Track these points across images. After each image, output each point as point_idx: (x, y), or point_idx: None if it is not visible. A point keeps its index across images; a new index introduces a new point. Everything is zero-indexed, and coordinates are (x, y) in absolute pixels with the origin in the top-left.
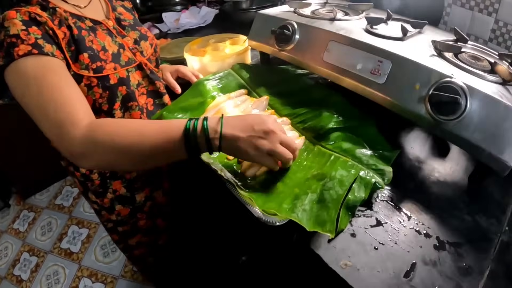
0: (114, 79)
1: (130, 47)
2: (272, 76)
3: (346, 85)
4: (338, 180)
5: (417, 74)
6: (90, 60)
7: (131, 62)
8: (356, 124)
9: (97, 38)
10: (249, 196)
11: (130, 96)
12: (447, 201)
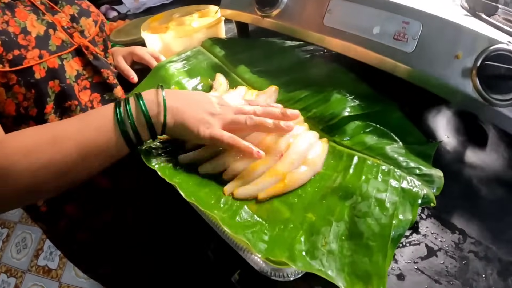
0: (40, 72)
1: (65, 26)
2: (254, 51)
3: (358, 56)
4: (376, 199)
5: (458, 39)
6: (3, 49)
7: (66, 46)
8: (377, 108)
9: (15, 18)
10: (244, 239)
11: (66, 92)
12: (501, 206)
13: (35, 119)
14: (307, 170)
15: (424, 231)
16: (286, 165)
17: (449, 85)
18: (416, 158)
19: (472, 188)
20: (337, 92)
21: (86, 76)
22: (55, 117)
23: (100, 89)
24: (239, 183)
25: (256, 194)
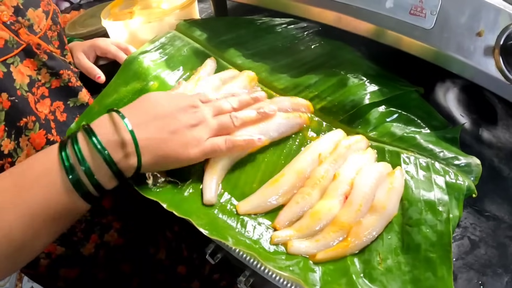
0: None
1: (7, 22)
2: (241, 31)
3: (367, 33)
4: (425, 202)
5: (480, 15)
6: None
7: (12, 47)
8: (397, 91)
9: None
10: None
11: (19, 107)
12: None
13: None
14: (376, 219)
15: (464, 223)
16: (352, 213)
17: (470, 64)
18: (449, 146)
19: (495, 169)
20: (353, 75)
21: (42, 82)
22: (11, 141)
23: (62, 95)
24: (293, 234)
25: (315, 252)
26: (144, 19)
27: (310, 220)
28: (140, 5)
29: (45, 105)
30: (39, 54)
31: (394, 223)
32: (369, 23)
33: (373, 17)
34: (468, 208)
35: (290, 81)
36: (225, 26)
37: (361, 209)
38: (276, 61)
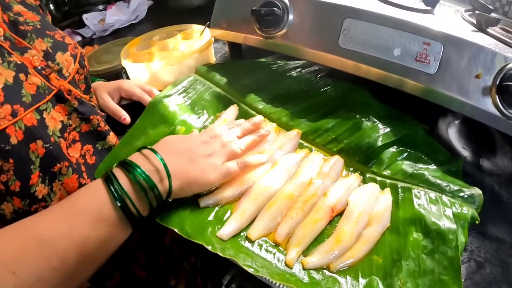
0: (17, 134)
1: (38, 67)
2: (258, 75)
3: (379, 78)
4: (436, 232)
5: (478, 59)
6: None
7: (44, 93)
8: (406, 131)
9: None
10: None
11: (53, 154)
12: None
13: (19, 195)
14: (376, 230)
15: (470, 247)
16: (351, 223)
17: (470, 103)
18: (453, 179)
19: (496, 194)
20: (366, 119)
21: (72, 126)
22: (45, 187)
23: (91, 139)
24: (301, 248)
25: (328, 264)
26: (164, 62)
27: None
28: (158, 46)
29: (76, 149)
30: (70, 100)
31: (410, 251)
32: (379, 69)
33: (382, 64)
34: (473, 233)
35: (310, 126)
36: (243, 70)
37: (359, 220)
38: (295, 105)
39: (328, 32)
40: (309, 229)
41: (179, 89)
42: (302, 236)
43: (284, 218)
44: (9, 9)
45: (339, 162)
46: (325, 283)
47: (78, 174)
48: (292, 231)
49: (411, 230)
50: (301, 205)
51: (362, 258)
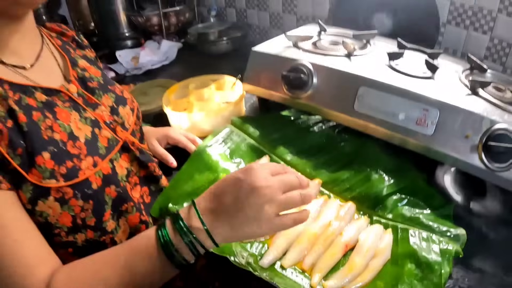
0: (96, 181)
1: (107, 121)
2: (286, 129)
3: (385, 137)
4: (426, 264)
5: (469, 122)
6: (55, 162)
7: (113, 144)
8: (406, 183)
9: (57, 121)
10: None
11: (122, 196)
12: (505, 243)
13: (93, 228)
14: (380, 261)
15: (455, 276)
16: (361, 256)
17: (461, 159)
18: (444, 221)
19: (483, 233)
20: (375, 171)
21: (134, 172)
22: (113, 222)
23: (148, 182)
24: (322, 275)
25: (342, 287)
26: (204, 114)
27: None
28: (195, 96)
29: (137, 191)
30: (133, 151)
31: (405, 278)
32: (386, 130)
33: (389, 126)
34: (459, 264)
35: (329, 176)
36: (272, 124)
37: (367, 254)
38: (316, 158)
39: (345, 97)
40: (328, 260)
41: (218, 139)
42: (323, 265)
43: (310, 252)
44: (76, 65)
45: (352, 208)
46: None
47: (139, 212)
48: (316, 261)
49: (406, 262)
50: (322, 241)
51: (368, 283)
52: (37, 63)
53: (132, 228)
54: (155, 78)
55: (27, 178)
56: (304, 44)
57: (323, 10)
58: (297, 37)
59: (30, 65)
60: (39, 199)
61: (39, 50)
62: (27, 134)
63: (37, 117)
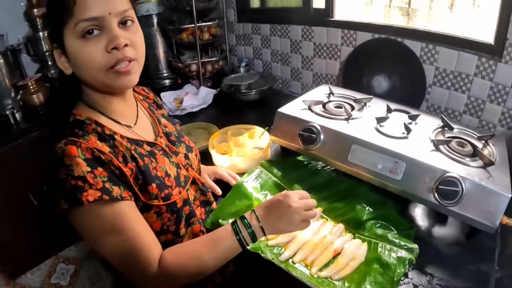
0: (180, 203)
1: (183, 164)
2: (299, 171)
3: (369, 180)
4: (387, 265)
5: (426, 171)
6: (158, 190)
7: (187, 180)
8: (381, 212)
9: (158, 164)
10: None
11: (192, 213)
12: (454, 257)
13: (172, 232)
14: (356, 262)
15: (410, 276)
16: (345, 258)
17: (420, 197)
18: (404, 239)
19: (438, 250)
20: (359, 204)
21: (197, 197)
22: (184, 229)
23: (204, 205)
24: (318, 268)
25: (331, 275)
26: (242, 158)
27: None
28: (232, 141)
29: (198, 210)
30: (198, 184)
31: (371, 273)
32: (370, 175)
33: (372, 173)
34: (415, 269)
35: (328, 206)
36: (291, 167)
37: (349, 257)
38: (321, 193)
39: (342, 151)
40: (323, 259)
41: (252, 177)
42: (319, 262)
43: (311, 253)
44: (160, 122)
45: (341, 228)
46: (327, 283)
47: (200, 224)
48: (315, 260)
49: (374, 263)
50: (320, 248)
51: (348, 275)
52: (138, 122)
53: (194, 235)
54: (195, 119)
55: (141, 198)
56: (316, 107)
57: (335, 70)
58: (310, 102)
59: (134, 124)
60: (144, 211)
61: (137, 112)
62: (143, 172)
63: (147, 161)
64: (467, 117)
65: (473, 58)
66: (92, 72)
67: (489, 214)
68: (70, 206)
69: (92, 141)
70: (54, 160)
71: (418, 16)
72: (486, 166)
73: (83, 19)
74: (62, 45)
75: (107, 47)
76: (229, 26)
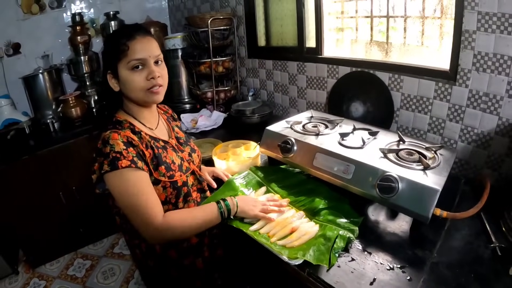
0: (180, 182)
1: (187, 159)
2: (278, 174)
3: (327, 180)
4: (328, 238)
5: (370, 171)
6: (166, 170)
7: (188, 169)
8: (335, 204)
9: (168, 155)
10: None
11: (189, 193)
12: (395, 243)
13: (173, 204)
14: (307, 237)
15: (352, 252)
16: (300, 233)
17: (366, 192)
18: (350, 224)
19: (381, 237)
20: (318, 197)
21: (195, 184)
22: (182, 203)
23: (200, 191)
24: (278, 238)
25: (285, 244)
26: (235, 163)
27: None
28: (231, 151)
29: (195, 194)
30: (196, 174)
31: (317, 244)
32: (330, 176)
33: (331, 174)
34: (357, 249)
35: (294, 199)
36: (271, 171)
37: (302, 232)
38: (291, 189)
39: (309, 158)
40: (281, 233)
41: (241, 176)
42: (279, 234)
43: (274, 228)
44: (173, 130)
45: (301, 214)
46: (283, 249)
47: (194, 204)
48: (276, 233)
49: (320, 238)
50: (281, 225)
51: (299, 245)
52: (158, 127)
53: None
54: (206, 136)
55: (153, 173)
56: (296, 126)
57: (323, 99)
58: (292, 122)
59: (155, 128)
60: (154, 184)
61: (158, 120)
62: (157, 157)
63: (161, 151)
64: (431, 135)
65: (432, 84)
66: (136, 91)
67: (422, 206)
68: (110, 169)
69: (127, 132)
70: (102, 141)
71: (393, 50)
72: (425, 169)
73: (133, 59)
74: (115, 72)
75: (147, 77)
76: (241, 61)
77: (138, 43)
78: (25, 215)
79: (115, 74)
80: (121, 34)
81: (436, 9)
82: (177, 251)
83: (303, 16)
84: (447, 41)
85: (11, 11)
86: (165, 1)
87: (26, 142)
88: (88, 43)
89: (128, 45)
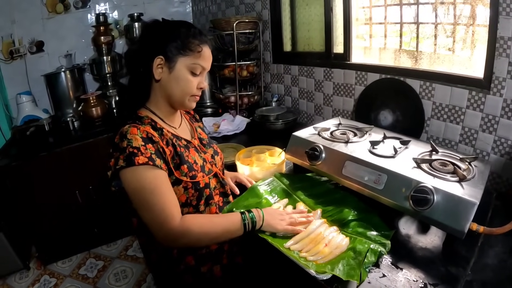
0: (202, 184)
1: (209, 161)
2: (305, 182)
3: (357, 190)
4: (358, 252)
5: (403, 182)
6: (188, 170)
7: (211, 171)
8: (365, 215)
9: (190, 154)
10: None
11: (211, 196)
12: (427, 259)
13: (193, 206)
14: (338, 251)
15: (382, 267)
16: (331, 248)
17: (399, 205)
18: (381, 237)
19: (412, 251)
20: (346, 207)
21: (217, 188)
22: (203, 207)
23: (223, 195)
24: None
25: (317, 260)
26: (259, 169)
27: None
28: (255, 157)
29: (217, 197)
30: (219, 177)
31: (346, 258)
32: (359, 186)
33: (361, 184)
34: (388, 264)
35: (324, 209)
36: (297, 179)
37: (333, 247)
38: (319, 198)
39: (338, 166)
40: (316, 250)
41: (265, 183)
42: (314, 252)
43: (307, 246)
44: (196, 131)
45: (334, 227)
46: (310, 262)
47: (216, 207)
48: (310, 250)
49: (350, 251)
50: (316, 241)
51: (331, 260)
52: (180, 127)
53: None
54: (229, 141)
55: (174, 173)
56: (324, 133)
57: (350, 106)
58: (320, 128)
59: (178, 127)
60: (175, 185)
61: (181, 121)
62: (179, 155)
63: (183, 150)
64: (462, 146)
65: (465, 92)
66: (182, 93)
67: (458, 220)
68: (126, 165)
69: (147, 128)
70: (119, 135)
71: (423, 58)
72: (461, 181)
73: (200, 64)
74: (169, 61)
75: (198, 85)
76: (265, 66)
77: (208, 51)
78: (40, 211)
79: (168, 62)
80: (194, 32)
81: (467, 16)
82: (195, 257)
83: (331, 20)
84: (479, 49)
85: (35, 9)
86: (189, 6)
87: (45, 139)
88: (111, 44)
89: (202, 48)
